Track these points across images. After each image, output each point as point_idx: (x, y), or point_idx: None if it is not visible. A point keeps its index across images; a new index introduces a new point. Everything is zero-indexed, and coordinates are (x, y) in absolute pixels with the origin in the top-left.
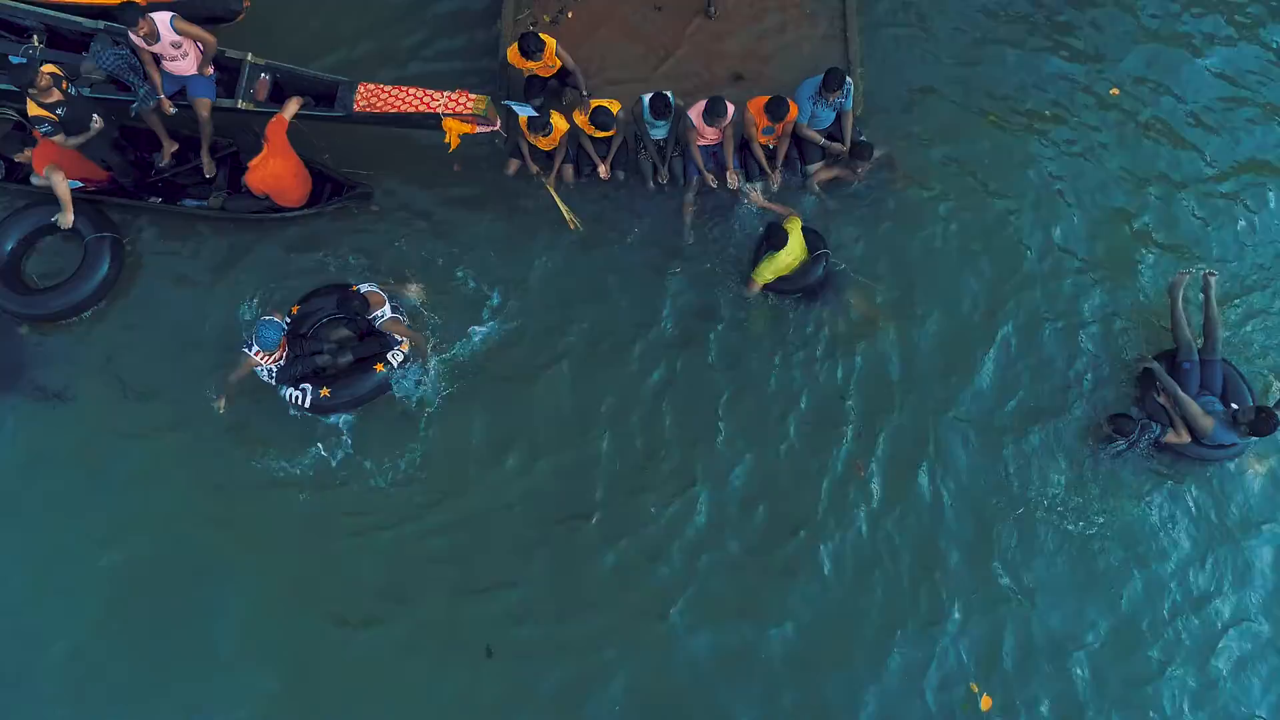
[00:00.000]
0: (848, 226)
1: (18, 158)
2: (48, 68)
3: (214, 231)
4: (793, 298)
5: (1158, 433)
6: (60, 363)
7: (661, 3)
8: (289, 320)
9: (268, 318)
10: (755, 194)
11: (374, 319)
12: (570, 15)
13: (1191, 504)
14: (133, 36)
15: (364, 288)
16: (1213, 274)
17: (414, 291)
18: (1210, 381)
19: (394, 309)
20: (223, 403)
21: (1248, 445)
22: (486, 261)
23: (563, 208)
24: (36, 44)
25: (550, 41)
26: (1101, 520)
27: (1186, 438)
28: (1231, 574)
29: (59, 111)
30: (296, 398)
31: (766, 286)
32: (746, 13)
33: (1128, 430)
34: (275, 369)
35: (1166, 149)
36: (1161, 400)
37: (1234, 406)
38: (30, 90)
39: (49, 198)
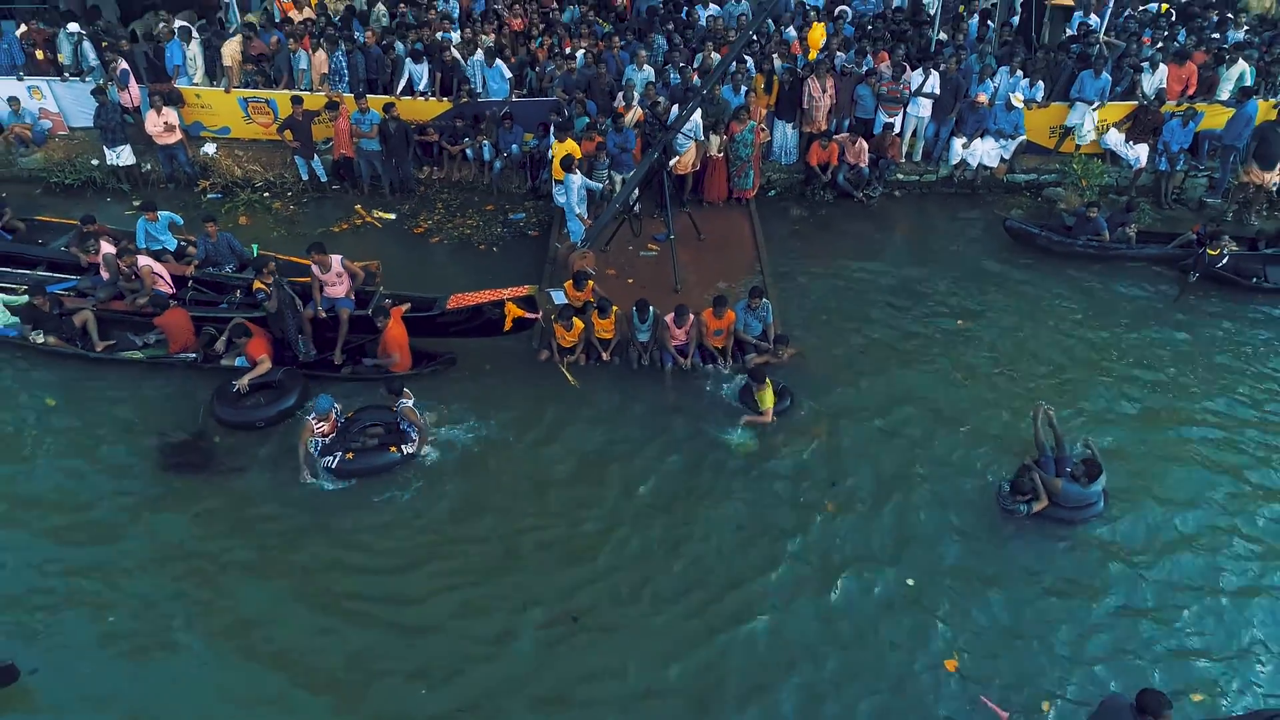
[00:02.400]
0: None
1: (222, 355)
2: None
3: (346, 387)
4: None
5: (1030, 509)
6: (243, 455)
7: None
8: (343, 420)
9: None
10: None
11: (399, 405)
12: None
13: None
14: (314, 267)
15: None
16: (1051, 409)
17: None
18: (1065, 471)
19: (413, 403)
20: (306, 474)
21: (1098, 500)
22: (502, 398)
23: (568, 376)
24: (238, 295)
25: (590, 283)
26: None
27: (1047, 500)
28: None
29: (271, 287)
30: (329, 462)
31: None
32: (700, 289)
33: (1025, 489)
34: (321, 444)
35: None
36: (1029, 477)
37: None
38: (262, 271)
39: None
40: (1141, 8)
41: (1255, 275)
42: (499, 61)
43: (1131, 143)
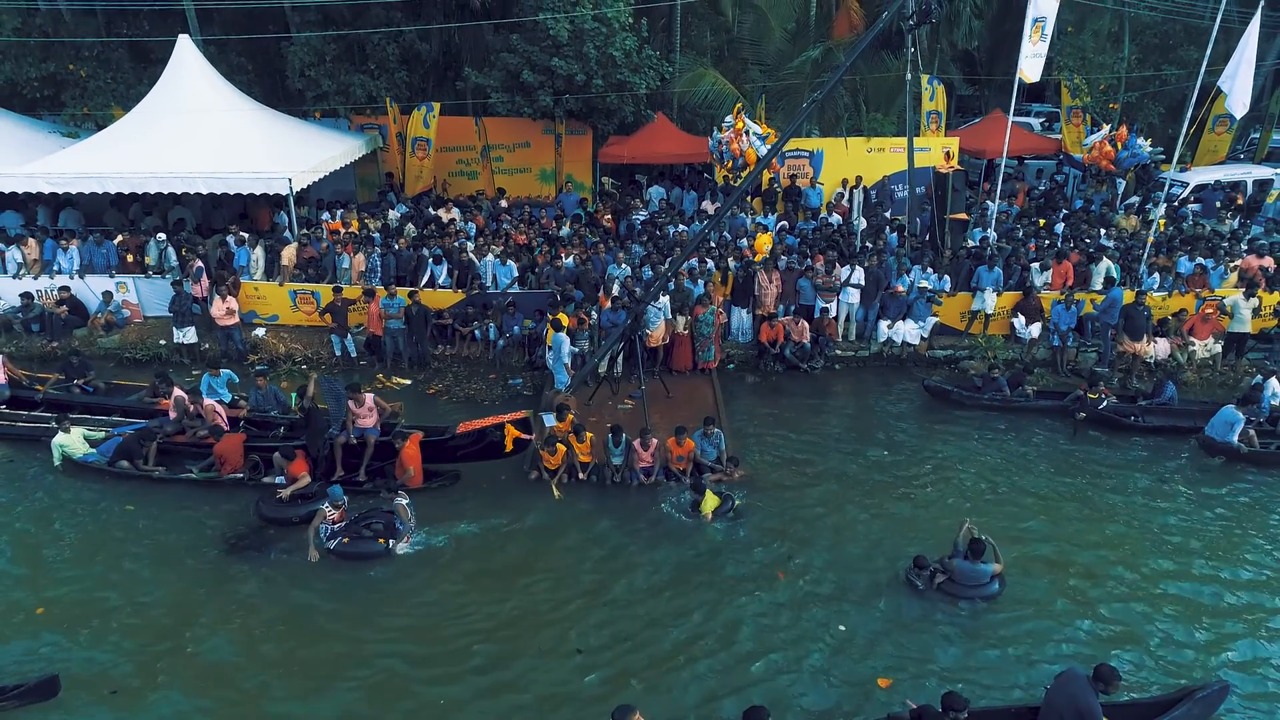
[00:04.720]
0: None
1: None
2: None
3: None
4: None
5: (942, 579)
6: (292, 538)
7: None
8: (354, 517)
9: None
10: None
11: (395, 503)
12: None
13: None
14: (350, 402)
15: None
16: (974, 525)
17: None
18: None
19: (407, 501)
20: (314, 554)
21: (990, 581)
22: (503, 505)
23: (555, 490)
24: (281, 431)
25: (570, 414)
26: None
27: (946, 576)
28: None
29: (306, 405)
30: (331, 544)
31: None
32: (666, 427)
33: (925, 564)
34: (330, 529)
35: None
36: (940, 563)
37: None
38: (305, 398)
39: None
40: (1027, 221)
41: (1133, 415)
42: (510, 261)
43: (1028, 324)
